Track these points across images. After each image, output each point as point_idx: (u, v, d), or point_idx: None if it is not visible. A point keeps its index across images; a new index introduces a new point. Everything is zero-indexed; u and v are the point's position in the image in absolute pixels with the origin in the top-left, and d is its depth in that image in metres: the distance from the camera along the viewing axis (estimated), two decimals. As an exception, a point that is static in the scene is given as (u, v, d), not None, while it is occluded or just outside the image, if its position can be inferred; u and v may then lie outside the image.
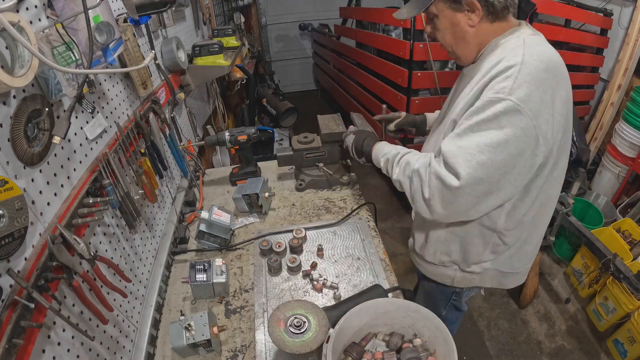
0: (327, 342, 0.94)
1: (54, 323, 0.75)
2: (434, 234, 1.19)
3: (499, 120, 0.85)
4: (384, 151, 1.20)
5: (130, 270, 1.12)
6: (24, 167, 0.71)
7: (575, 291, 2.36)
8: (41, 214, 0.75)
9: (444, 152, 0.92)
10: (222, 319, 1.20)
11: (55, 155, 0.81)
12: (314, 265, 1.32)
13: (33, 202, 0.73)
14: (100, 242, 0.96)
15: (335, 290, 1.23)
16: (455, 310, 1.39)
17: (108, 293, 0.95)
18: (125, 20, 1.18)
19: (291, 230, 1.45)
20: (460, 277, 1.22)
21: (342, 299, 1.21)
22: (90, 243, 0.91)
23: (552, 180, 1.00)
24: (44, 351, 0.71)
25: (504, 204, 0.99)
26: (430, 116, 1.54)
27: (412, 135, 1.62)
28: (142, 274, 1.21)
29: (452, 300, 1.35)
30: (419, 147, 1.23)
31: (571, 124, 0.96)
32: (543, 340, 2.13)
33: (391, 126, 1.55)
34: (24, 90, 0.73)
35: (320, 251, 1.38)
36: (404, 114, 1.57)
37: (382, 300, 1.13)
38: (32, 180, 0.74)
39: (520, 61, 0.85)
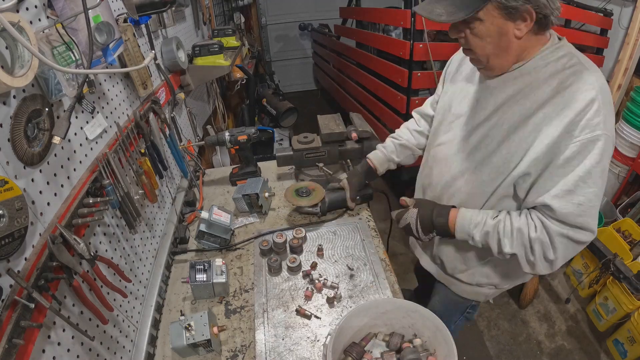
0: (326, 342, 0.94)
1: (54, 323, 0.75)
2: (479, 262, 1.16)
3: (602, 160, 0.84)
4: (474, 220, 1.03)
5: (130, 270, 1.12)
6: (24, 167, 0.71)
7: (575, 291, 2.36)
8: (41, 214, 0.75)
9: (564, 215, 0.88)
10: (222, 319, 1.20)
11: (55, 155, 0.81)
12: (314, 265, 1.32)
13: (33, 202, 0.73)
14: (100, 242, 0.96)
15: (336, 290, 1.23)
16: (465, 321, 1.41)
17: (108, 293, 0.95)
18: (125, 20, 1.18)
19: (291, 228, 1.46)
20: (494, 293, 1.25)
21: (342, 298, 1.21)
22: (90, 243, 0.91)
23: None
24: (44, 351, 0.71)
25: None
26: (377, 158, 1.44)
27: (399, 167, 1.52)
28: (142, 274, 1.21)
29: (466, 313, 1.36)
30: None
31: None
32: (543, 340, 2.13)
33: (350, 204, 1.50)
34: (24, 90, 0.73)
35: (320, 251, 1.38)
36: (344, 182, 1.48)
37: (382, 300, 1.13)
38: (32, 180, 0.74)
39: (599, 89, 0.84)
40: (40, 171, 0.76)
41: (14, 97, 0.70)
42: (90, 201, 0.89)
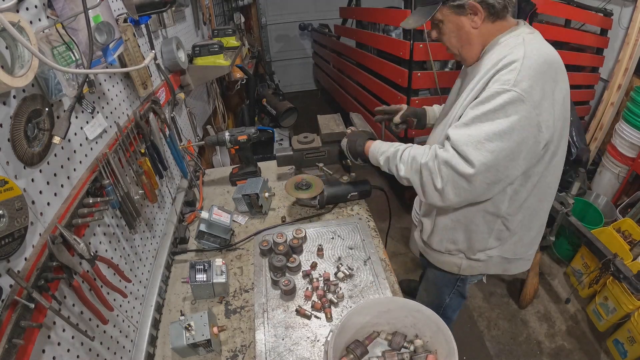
0: (328, 338, 0.94)
1: (54, 323, 0.75)
2: (441, 222, 1.23)
3: (505, 110, 0.90)
4: (381, 150, 1.21)
5: (130, 270, 1.12)
6: (24, 167, 0.71)
7: (575, 291, 2.36)
8: (41, 214, 0.75)
9: (454, 140, 0.96)
10: (222, 319, 1.20)
11: (55, 155, 0.81)
12: (314, 265, 1.32)
13: (33, 202, 0.73)
14: (100, 242, 0.96)
15: (337, 290, 1.23)
16: (459, 296, 1.45)
17: (108, 293, 0.95)
18: (125, 20, 1.18)
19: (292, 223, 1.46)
20: (466, 265, 1.27)
21: (343, 297, 1.21)
22: (90, 243, 0.91)
23: (552, 167, 1.05)
24: (44, 351, 0.71)
25: (507, 188, 1.05)
26: (430, 110, 1.56)
27: (412, 130, 1.64)
28: (142, 274, 1.21)
29: (456, 287, 1.40)
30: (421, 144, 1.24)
31: (569, 114, 1.02)
32: (543, 340, 2.13)
33: (397, 118, 1.55)
34: (24, 90, 0.73)
35: (320, 251, 1.38)
36: (405, 106, 1.58)
37: (385, 299, 1.13)
38: (32, 180, 0.74)
39: (522, 56, 0.91)
40: (40, 171, 0.76)
41: (14, 97, 0.70)
42: (90, 201, 0.89)
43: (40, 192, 0.76)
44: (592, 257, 2.19)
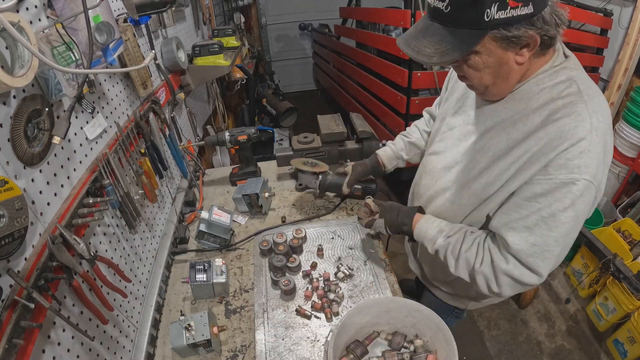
0: (328, 338, 0.94)
1: (54, 323, 0.75)
2: (456, 281, 1.15)
3: (575, 205, 0.77)
4: (429, 236, 1.03)
5: (130, 270, 1.12)
6: (24, 167, 0.71)
7: (575, 291, 2.36)
8: (41, 214, 0.75)
9: (515, 250, 0.83)
10: (222, 319, 1.20)
11: (55, 155, 0.81)
12: (314, 265, 1.32)
13: (33, 202, 0.73)
14: (100, 242, 0.96)
15: (337, 290, 1.23)
16: (456, 318, 1.41)
17: (108, 293, 0.95)
18: (125, 20, 1.18)
19: (293, 223, 1.46)
20: (475, 304, 1.27)
21: (343, 297, 1.21)
22: (90, 243, 0.91)
23: None
24: (44, 351, 0.71)
25: None
26: (382, 153, 1.45)
27: (367, 192, 1.54)
28: (142, 274, 1.21)
29: (454, 312, 1.36)
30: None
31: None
32: (543, 340, 2.13)
33: (344, 189, 1.48)
34: (24, 90, 0.73)
35: (320, 251, 1.38)
36: (349, 167, 1.48)
37: (385, 299, 1.13)
38: (32, 180, 0.74)
39: (589, 129, 0.74)
40: (40, 171, 0.76)
41: (14, 97, 0.70)
42: (90, 201, 0.89)
43: (40, 192, 0.76)
44: (592, 257, 2.19)
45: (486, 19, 0.69)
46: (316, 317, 1.16)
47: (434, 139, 1.15)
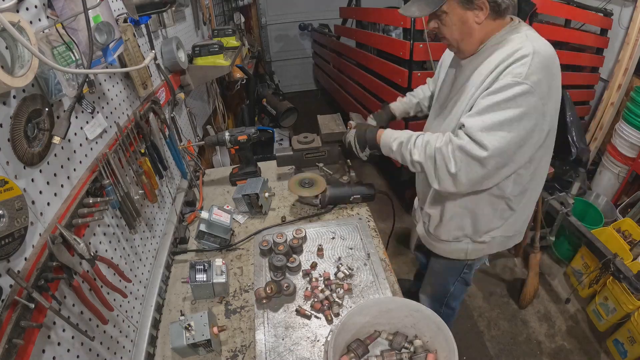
0: (329, 338, 0.94)
1: (54, 323, 0.75)
2: (449, 210, 1.28)
3: (517, 101, 0.96)
4: (394, 135, 1.24)
5: (130, 270, 1.12)
6: (24, 167, 0.71)
7: (575, 291, 2.36)
8: (41, 214, 0.75)
9: (468, 127, 1.02)
10: (222, 319, 1.20)
11: (55, 155, 0.81)
12: (314, 265, 1.32)
13: (33, 202, 0.73)
14: (100, 242, 0.96)
15: (338, 290, 1.23)
16: (463, 284, 1.50)
17: (108, 293, 0.95)
18: (125, 20, 1.18)
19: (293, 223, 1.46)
20: (472, 249, 1.34)
21: (343, 297, 1.21)
22: (90, 243, 0.91)
23: (547, 148, 1.13)
24: (44, 351, 0.71)
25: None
26: (395, 106, 1.67)
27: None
28: (142, 274, 1.21)
29: (462, 274, 1.46)
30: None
31: (559, 103, 1.10)
32: (543, 340, 2.13)
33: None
34: (24, 90, 0.73)
35: (320, 251, 1.38)
36: (372, 121, 1.66)
37: (385, 299, 1.13)
38: (32, 180, 0.74)
39: (532, 51, 0.97)
40: (40, 171, 0.76)
41: (14, 97, 0.70)
42: (90, 201, 0.89)
43: (40, 192, 0.76)
44: (592, 257, 2.19)
45: None
46: (316, 317, 1.16)
47: (429, 115, 1.41)
